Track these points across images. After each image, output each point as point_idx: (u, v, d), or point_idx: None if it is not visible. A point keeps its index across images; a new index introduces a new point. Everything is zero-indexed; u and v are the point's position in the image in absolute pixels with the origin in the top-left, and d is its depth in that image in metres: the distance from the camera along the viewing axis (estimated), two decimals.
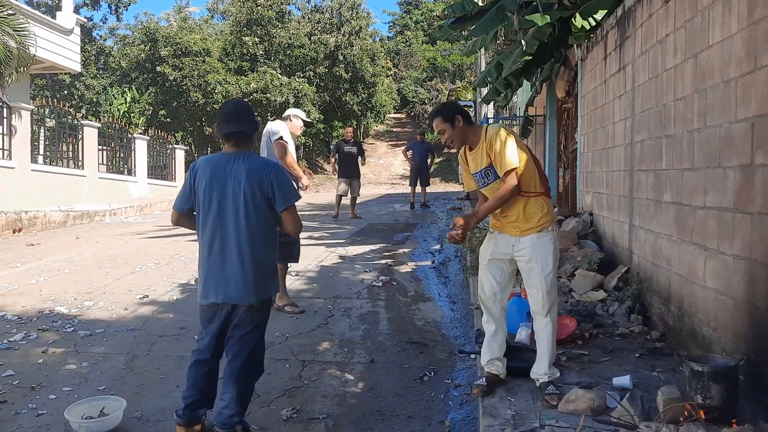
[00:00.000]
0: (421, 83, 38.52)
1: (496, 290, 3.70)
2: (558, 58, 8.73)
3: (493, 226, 3.76)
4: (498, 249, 3.69)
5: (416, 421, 3.70)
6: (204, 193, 3.26)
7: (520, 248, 3.60)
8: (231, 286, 3.23)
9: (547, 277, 3.56)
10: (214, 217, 3.25)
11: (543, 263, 3.56)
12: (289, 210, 3.30)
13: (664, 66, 4.47)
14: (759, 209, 2.97)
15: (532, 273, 3.58)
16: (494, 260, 3.70)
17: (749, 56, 3.10)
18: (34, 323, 5.50)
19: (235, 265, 3.23)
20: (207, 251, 3.28)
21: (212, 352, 3.34)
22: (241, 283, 3.23)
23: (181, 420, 3.29)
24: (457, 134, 3.63)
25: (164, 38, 24.19)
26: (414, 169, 14.87)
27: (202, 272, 3.32)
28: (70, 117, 15.73)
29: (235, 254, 3.23)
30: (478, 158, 3.65)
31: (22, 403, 3.89)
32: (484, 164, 3.62)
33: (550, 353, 3.61)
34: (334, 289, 6.74)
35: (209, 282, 3.27)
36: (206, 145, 27.08)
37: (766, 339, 2.90)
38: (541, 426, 3.17)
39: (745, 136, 3.13)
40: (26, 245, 9.82)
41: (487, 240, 3.80)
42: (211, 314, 3.32)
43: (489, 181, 3.65)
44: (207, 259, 3.29)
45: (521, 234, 3.59)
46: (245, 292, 3.23)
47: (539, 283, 3.56)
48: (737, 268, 3.23)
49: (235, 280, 3.23)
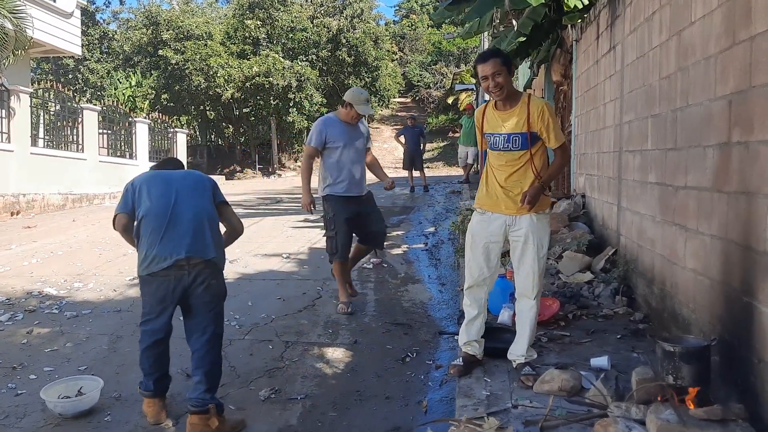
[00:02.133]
0: (426, 67, 38.30)
1: (486, 275, 3.60)
2: (554, 40, 8.63)
3: (484, 206, 3.60)
4: (492, 231, 3.55)
5: (394, 401, 3.70)
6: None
7: (517, 228, 3.49)
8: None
9: (541, 259, 3.49)
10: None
11: (539, 244, 3.47)
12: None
13: (651, 44, 4.40)
14: (735, 188, 2.93)
15: (526, 253, 3.48)
16: (488, 243, 3.56)
17: (728, 32, 3.03)
18: (22, 304, 5.52)
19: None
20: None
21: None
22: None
23: (152, 392, 3.40)
24: (509, 83, 3.45)
25: (166, 22, 24.10)
26: (407, 153, 14.76)
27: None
28: (71, 101, 15.72)
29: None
30: (513, 121, 3.46)
31: (2, 383, 3.92)
32: (520, 129, 3.44)
33: (530, 335, 3.56)
34: (324, 271, 6.73)
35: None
36: (209, 129, 27.08)
37: (739, 319, 2.86)
38: (513, 406, 3.16)
39: (722, 114, 3.08)
40: (23, 228, 9.86)
41: (477, 222, 3.63)
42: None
43: (513, 147, 3.46)
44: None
45: (518, 212, 3.47)
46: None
47: (532, 264, 3.48)
48: (714, 248, 3.19)
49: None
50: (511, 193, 3.49)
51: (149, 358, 3.40)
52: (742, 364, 2.82)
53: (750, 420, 2.49)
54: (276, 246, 7.95)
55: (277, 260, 7.15)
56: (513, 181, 3.50)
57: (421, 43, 40.58)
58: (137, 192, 3.43)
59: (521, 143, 3.46)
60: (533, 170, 3.49)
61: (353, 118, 5.25)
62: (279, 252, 7.56)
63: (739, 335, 2.87)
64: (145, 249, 3.34)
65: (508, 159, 3.51)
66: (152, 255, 3.30)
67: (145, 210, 3.37)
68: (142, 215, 3.37)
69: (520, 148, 3.47)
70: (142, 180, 3.49)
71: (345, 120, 5.27)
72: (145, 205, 3.38)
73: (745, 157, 2.80)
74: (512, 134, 3.47)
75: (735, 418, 2.46)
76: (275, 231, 9.18)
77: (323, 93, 25.59)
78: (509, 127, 3.48)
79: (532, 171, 3.49)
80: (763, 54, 2.63)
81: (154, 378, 3.39)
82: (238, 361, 4.27)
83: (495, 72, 3.38)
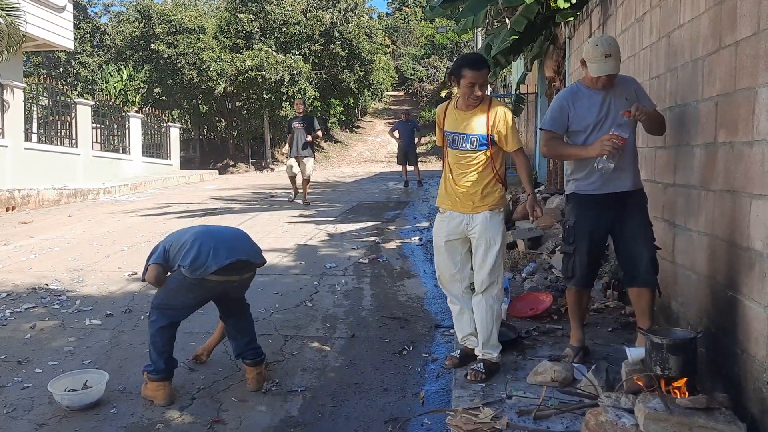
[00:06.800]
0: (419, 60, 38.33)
1: (454, 271, 3.74)
2: (547, 36, 8.73)
3: (444, 205, 3.74)
4: (451, 229, 3.69)
5: (392, 393, 3.81)
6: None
7: (473, 225, 3.62)
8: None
9: (492, 255, 3.59)
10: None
11: (491, 241, 3.59)
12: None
13: (641, 45, 4.52)
14: (721, 186, 3.04)
15: (478, 249, 3.61)
16: (449, 241, 3.71)
17: (715, 36, 3.14)
18: (23, 299, 5.59)
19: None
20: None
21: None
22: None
23: (164, 373, 3.59)
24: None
25: (158, 15, 24.00)
26: (401, 148, 14.81)
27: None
28: (64, 96, 15.71)
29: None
30: (472, 122, 3.56)
31: (8, 377, 4.00)
32: (478, 131, 3.55)
33: (487, 332, 3.62)
34: (320, 265, 6.83)
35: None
36: (202, 124, 27.03)
37: (724, 312, 2.98)
38: (508, 397, 3.28)
39: (709, 115, 3.19)
40: (19, 223, 9.90)
41: (438, 222, 3.79)
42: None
43: (469, 147, 3.57)
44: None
45: (473, 210, 3.60)
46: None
47: (482, 260, 3.59)
48: (701, 244, 3.31)
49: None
50: (468, 192, 3.61)
51: (163, 337, 3.61)
52: (727, 355, 2.94)
53: (734, 408, 2.61)
54: (272, 241, 8.03)
55: (274, 255, 7.23)
56: (471, 181, 3.60)
57: (414, 37, 40.58)
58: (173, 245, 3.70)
59: (477, 144, 3.58)
60: (493, 169, 3.61)
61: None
62: (275, 247, 7.65)
63: (724, 328, 2.99)
64: (192, 257, 3.53)
65: (467, 159, 3.61)
66: (205, 262, 3.50)
67: (189, 237, 3.66)
68: (182, 244, 3.63)
69: (476, 148, 3.58)
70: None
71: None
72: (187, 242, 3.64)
73: (730, 156, 2.92)
74: (472, 134, 3.58)
75: (719, 406, 2.57)
76: (270, 226, 9.26)
77: (316, 87, 25.57)
78: (470, 127, 3.58)
79: (492, 170, 3.61)
80: (747, 58, 2.74)
81: (165, 357, 3.59)
82: None
83: (483, 82, 3.51)
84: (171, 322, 3.65)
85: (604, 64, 3.33)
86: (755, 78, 2.65)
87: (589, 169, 3.49)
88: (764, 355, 2.55)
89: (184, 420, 3.44)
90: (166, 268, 3.64)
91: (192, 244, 3.56)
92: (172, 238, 3.73)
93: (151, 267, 3.63)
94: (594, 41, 3.41)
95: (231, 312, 3.90)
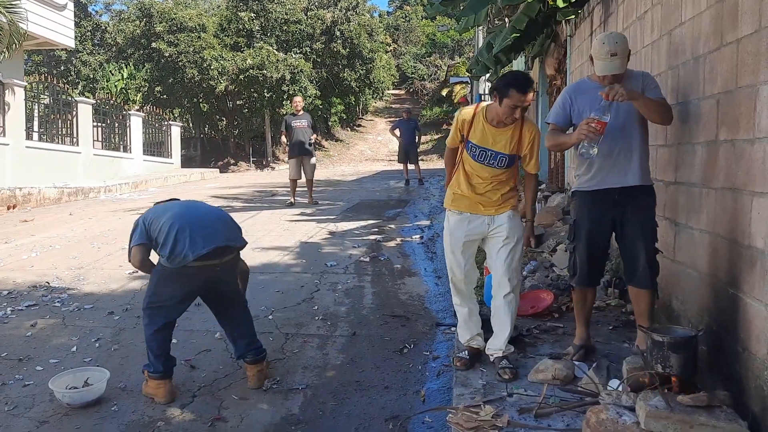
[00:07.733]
0: (420, 59, 38.32)
1: (466, 271, 3.76)
2: (548, 34, 8.73)
3: (460, 207, 3.72)
4: (472, 229, 3.68)
5: (393, 391, 3.81)
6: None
7: (497, 225, 3.64)
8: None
9: (518, 251, 3.67)
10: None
11: (518, 238, 3.66)
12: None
13: (642, 43, 4.51)
14: (722, 184, 3.04)
15: (505, 247, 3.62)
16: (468, 242, 3.71)
17: (716, 33, 3.14)
18: (24, 297, 5.60)
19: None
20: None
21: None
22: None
23: (163, 372, 3.59)
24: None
25: (159, 14, 24.01)
26: (402, 146, 14.78)
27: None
28: (65, 94, 15.71)
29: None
30: (503, 140, 3.55)
31: (10, 374, 4.00)
32: (508, 150, 3.56)
33: (510, 329, 3.65)
34: (321, 264, 6.83)
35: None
36: (203, 122, 27.04)
37: (725, 310, 2.98)
38: (509, 395, 3.28)
39: (711, 113, 3.19)
40: (20, 221, 9.90)
41: (456, 222, 3.73)
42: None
43: (496, 164, 3.58)
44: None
45: (496, 212, 3.65)
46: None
47: (510, 257, 3.61)
48: (702, 242, 3.31)
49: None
50: (491, 199, 3.66)
51: (158, 340, 3.61)
52: (728, 353, 2.94)
53: (734, 406, 2.61)
54: (273, 239, 8.04)
55: (275, 254, 7.24)
56: (493, 190, 3.66)
57: (415, 35, 40.59)
58: (150, 223, 3.69)
59: (508, 162, 3.62)
60: (513, 179, 3.73)
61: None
62: (276, 245, 7.65)
63: (725, 326, 2.99)
64: (169, 247, 3.52)
65: (493, 173, 3.64)
66: (183, 251, 3.48)
67: (167, 220, 3.62)
68: (160, 228, 3.60)
69: (505, 167, 3.63)
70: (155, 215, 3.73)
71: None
72: (165, 223, 3.61)
73: (732, 154, 2.91)
74: (501, 153, 3.58)
75: (720, 404, 2.57)
76: (271, 224, 9.26)
77: (317, 85, 25.58)
78: (500, 146, 3.58)
79: (513, 180, 3.72)
80: (748, 56, 2.74)
81: (163, 359, 3.60)
82: None
83: (528, 104, 3.50)
84: (165, 323, 3.64)
85: (609, 64, 3.27)
86: (757, 75, 2.65)
87: (587, 164, 3.48)
88: (765, 353, 2.55)
89: (184, 418, 3.45)
90: (149, 247, 3.66)
91: (169, 231, 3.54)
92: (150, 215, 3.72)
93: (135, 249, 3.65)
94: (602, 38, 3.32)
95: (226, 314, 3.87)
